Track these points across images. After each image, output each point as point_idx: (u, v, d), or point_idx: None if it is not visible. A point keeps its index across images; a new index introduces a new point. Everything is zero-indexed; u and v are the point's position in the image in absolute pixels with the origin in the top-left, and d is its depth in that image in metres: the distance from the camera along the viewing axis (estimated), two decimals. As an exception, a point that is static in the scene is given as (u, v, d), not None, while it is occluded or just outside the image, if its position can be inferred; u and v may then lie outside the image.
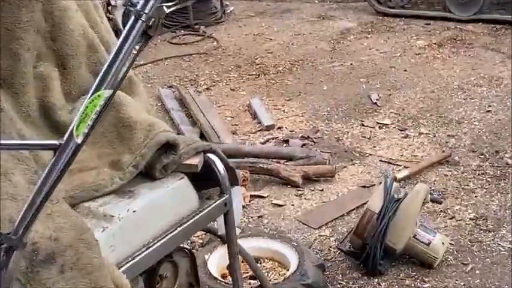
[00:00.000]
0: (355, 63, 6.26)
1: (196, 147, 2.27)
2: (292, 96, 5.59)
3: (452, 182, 4.17)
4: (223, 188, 2.31)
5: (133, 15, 1.49)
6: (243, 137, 4.96)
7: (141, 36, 1.50)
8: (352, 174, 4.35)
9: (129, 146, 2.25)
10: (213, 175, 2.33)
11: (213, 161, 2.29)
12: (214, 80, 6.08)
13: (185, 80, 6.11)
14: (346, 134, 4.87)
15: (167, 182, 2.15)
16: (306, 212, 3.96)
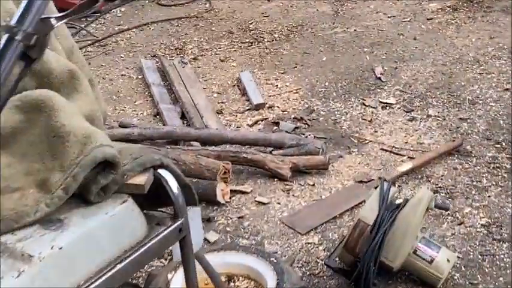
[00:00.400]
0: (359, 29, 5.71)
1: (144, 163, 1.90)
2: (287, 69, 5.09)
3: (463, 178, 3.67)
4: (177, 211, 1.94)
5: (5, 32, 1.06)
6: (229, 118, 4.48)
7: (21, 59, 1.05)
8: (349, 165, 3.86)
9: (61, 162, 1.84)
10: (166, 193, 1.94)
11: (165, 179, 1.92)
12: (202, 48, 5.57)
13: (171, 49, 5.61)
14: (345, 115, 4.37)
15: (106, 207, 1.76)
16: (293, 213, 3.50)
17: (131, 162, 1.89)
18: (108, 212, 1.75)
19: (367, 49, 5.32)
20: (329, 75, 4.89)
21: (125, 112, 4.65)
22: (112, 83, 5.08)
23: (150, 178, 1.89)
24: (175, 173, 2.00)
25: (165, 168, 1.96)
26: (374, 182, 3.67)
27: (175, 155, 3.75)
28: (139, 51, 5.62)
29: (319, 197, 3.64)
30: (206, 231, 3.40)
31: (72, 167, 1.80)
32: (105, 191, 1.79)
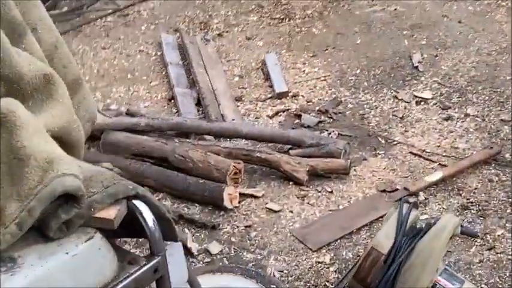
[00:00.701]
0: (400, 8, 5.31)
1: (115, 193, 1.63)
2: (317, 51, 4.75)
3: (498, 193, 3.33)
4: (153, 248, 1.66)
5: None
6: (249, 106, 4.18)
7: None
8: (373, 170, 3.54)
9: (18, 190, 1.59)
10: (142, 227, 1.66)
11: (140, 211, 1.66)
12: (229, 23, 5.24)
13: (195, 22, 5.30)
14: (374, 109, 4.03)
15: (67, 245, 1.48)
16: (306, 225, 3.21)
17: (101, 192, 1.63)
18: (70, 251, 1.48)
19: (406, 32, 4.92)
20: (362, 61, 4.53)
21: (138, 94, 4.37)
22: (129, 60, 4.80)
23: (122, 211, 1.63)
24: (152, 205, 1.73)
25: (141, 199, 1.69)
26: (398, 193, 3.34)
27: (182, 150, 3.48)
28: (162, 23, 5.32)
29: (337, 207, 3.34)
30: (209, 240, 3.13)
31: (30, 198, 1.53)
32: (68, 226, 1.54)
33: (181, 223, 3.30)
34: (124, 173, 3.32)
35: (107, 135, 3.63)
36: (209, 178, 3.45)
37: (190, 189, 3.38)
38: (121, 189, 1.67)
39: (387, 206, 3.27)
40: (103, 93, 4.39)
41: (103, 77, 4.54)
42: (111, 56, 4.82)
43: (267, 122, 4.02)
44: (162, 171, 3.46)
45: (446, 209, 3.28)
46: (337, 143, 3.58)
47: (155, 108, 4.20)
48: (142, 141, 3.57)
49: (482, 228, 3.14)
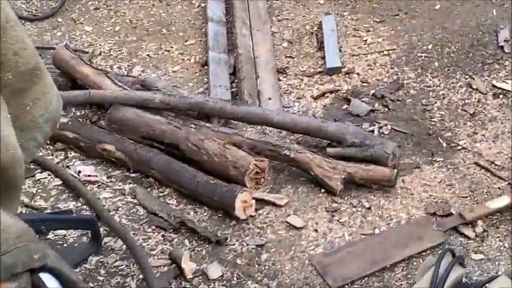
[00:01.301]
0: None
1: (13, 265, 1.36)
2: (385, 16, 4.10)
3: None
4: None
5: None
6: (292, 82, 3.61)
7: None
8: (425, 183, 2.96)
9: None
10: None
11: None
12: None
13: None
14: (441, 99, 3.40)
15: None
16: (330, 251, 2.70)
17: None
18: None
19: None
20: (437, 33, 3.86)
21: (169, 54, 3.86)
22: (167, 10, 4.27)
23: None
24: (64, 279, 1.50)
25: (49, 271, 1.46)
26: (450, 220, 2.75)
27: (197, 138, 2.98)
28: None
29: (372, 230, 2.78)
30: (210, 259, 2.63)
31: None
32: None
33: (183, 232, 2.78)
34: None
35: (115, 110, 3.15)
36: (225, 176, 2.97)
37: (198, 190, 2.88)
38: (22, 258, 1.38)
39: (434, 237, 2.71)
40: (129, 50, 3.88)
41: (134, 30, 4.03)
42: (148, 3, 4.29)
43: (309, 105, 3.44)
44: (170, 162, 2.96)
45: (509, 248, 2.65)
46: (386, 145, 2.98)
47: (184, 75, 3.68)
48: (152, 122, 3.07)
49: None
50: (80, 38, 4.02)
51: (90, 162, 3.15)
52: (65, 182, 3.04)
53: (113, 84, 3.28)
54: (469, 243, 2.71)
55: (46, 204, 2.96)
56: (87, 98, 3.21)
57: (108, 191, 3.00)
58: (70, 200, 2.98)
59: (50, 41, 4.03)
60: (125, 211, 2.91)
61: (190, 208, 2.92)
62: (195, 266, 2.65)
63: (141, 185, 3.02)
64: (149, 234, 2.81)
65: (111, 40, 3.96)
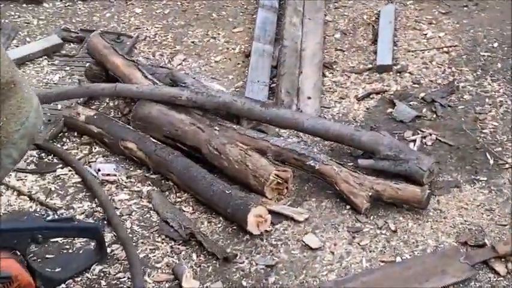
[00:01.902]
0: None
1: None
2: (452, 7, 3.82)
3: None
4: None
5: None
6: (338, 79, 3.42)
7: None
8: (462, 205, 2.73)
9: None
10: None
11: None
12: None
13: None
14: (497, 107, 3.14)
15: None
16: (344, 279, 2.49)
17: None
18: None
19: None
20: (506, 28, 3.57)
21: (214, 42, 3.71)
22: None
23: None
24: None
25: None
26: (481, 253, 2.50)
27: (219, 143, 2.84)
28: None
29: (393, 257, 2.58)
30: (216, 277, 2.48)
31: None
32: None
33: (192, 244, 2.64)
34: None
35: (140, 106, 3.05)
36: (245, 184, 2.79)
37: (214, 199, 2.74)
38: None
39: (460, 271, 2.47)
40: (175, 35, 3.75)
41: (184, 13, 3.89)
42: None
43: (351, 107, 3.23)
44: (188, 167, 2.83)
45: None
46: (422, 161, 2.76)
47: (226, 65, 3.52)
48: (176, 122, 2.94)
49: None
50: (127, 21, 3.91)
51: (113, 159, 3.05)
52: (83, 180, 2.94)
53: (143, 77, 3.13)
54: (499, 281, 2.46)
55: (61, 203, 2.89)
56: (113, 91, 3.10)
57: (126, 192, 2.90)
58: (85, 200, 2.90)
59: (98, 22, 3.92)
60: (139, 216, 2.80)
61: (205, 218, 2.78)
62: (197, 285, 2.50)
63: (159, 187, 2.90)
64: (158, 244, 2.69)
65: (159, 24, 3.83)
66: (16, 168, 2.98)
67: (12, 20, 3.88)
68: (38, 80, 3.48)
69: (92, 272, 2.57)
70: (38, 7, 3.92)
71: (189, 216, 2.78)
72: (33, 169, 3.04)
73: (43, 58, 3.55)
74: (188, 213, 2.80)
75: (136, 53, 3.55)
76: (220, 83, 3.34)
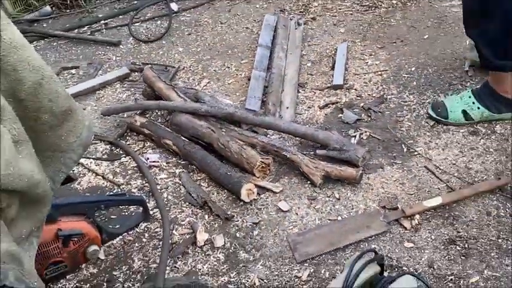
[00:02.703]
0: (476, 5, 3.89)
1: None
2: (386, 43, 3.62)
3: (490, 230, 2.29)
4: None
5: None
6: (308, 94, 3.28)
7: None
8: (383, 181, 2.57)
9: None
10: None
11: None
12: (326, 7, 4.18)
13: (299, 4, 4.23)
14: (412, 112, 2.97)
15: None
16: (303, 231, 2.41)
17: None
18: None
19: (472, 31, 3.58)
20: (421, 57, 3.37)
21: (229, 70, 3.59)
22: (235, 36, 3.95)
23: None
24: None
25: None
26: (393, 214, 2.39)
27: (225, 140, 2.74)
28: (274, 2, 4.32)
29: (336, 217, 2.46)
30: (219, 231, 2.40)
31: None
32: None
33: (205, 208, 2.57)
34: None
35: (174, 116, 2.95)
36: (241, 168, 2.71)
37: (220, 178, 2.65)
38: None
39: (380, 226, 2.34)
40: (203, 66, 3.62)
41: (210, 50, 3.75)
42: (224, 30, 3.99)
43: (315, 113, 3.11)
44: (205, 156, 2.74)
45: (434, 239, 2.27)
46: (357, 150, 2.64)
47: (235, 86, 3.41)
48: (197, 126, 2.84)
49: (459, 270, 2.12)
50: (173, 56, 3.80)
51: (158, 151, 2.98)
52: (138, 165, 2.87)
53: (177, 96, 3.04)
54: (405, 233, 2.35)
55: (123, 181, 2.83)
56: (158, 106, 3.03)
57: (165, 173, 2.83)
58: (139, 178, 2.83)
59: (154, 57, 3.82)
60: (172, 189, 2.73)
61: (215, 190, 2.70)
62: (207, 236, 2.44)
63: (186, 169, 2.81)
64: (184, 208, 2.62)
65: (193, 58, 3.72)
66: (95, 157, 2.93)
67: (99, 57, 3.79)
68: (113, 98, 3.40)
69: (140, 228, 2.51)
70: (116, 48, 3.83)
71: (205, 189, 2.70)
72: (105, 158, 2.98)
73: (117, 83, 3.46)
74: (204, 187, 2.71)
75: (177, 78, 3.45)
76: (230, 98, 3.22)
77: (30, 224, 1.70)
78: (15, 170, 1.49)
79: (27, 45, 1.66)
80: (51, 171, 1.89)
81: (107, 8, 4.67)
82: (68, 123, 1.81)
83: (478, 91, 2.76)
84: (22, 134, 1.58)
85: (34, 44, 4.19)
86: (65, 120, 1.80)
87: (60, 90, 1.77)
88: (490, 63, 2.60)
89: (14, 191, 1.50)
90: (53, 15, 4.56)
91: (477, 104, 2.74)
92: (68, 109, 1.80)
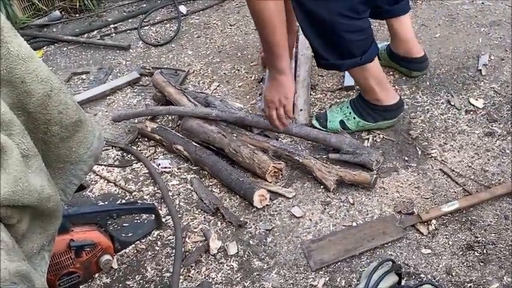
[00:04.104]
0: (487, 2, 3.83)
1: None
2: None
3: (509, 234, 2.19)
4: None
5: None
6: (319, 96, 3.22)
7: None
8: (399, 184, 2.50)
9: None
10: None
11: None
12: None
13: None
14: (425, 113, 2.88)
15: None
16: (317, 238, 2.36)
17: None
18: None
19: (484, 29, 3.52)
20: (433, 57, 3.28)
21: (238, 73, 3.53)
22: (244, 38, 3.88)
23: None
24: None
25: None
26: (410, 219, 2.32)
27: (236, 145, 2.68)
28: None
29: (351, 222, 2.39)
30: (232, 238, 2.35)
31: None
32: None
33: (218, 215, 2.51)
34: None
35: (185, 121, 2.89)
36: (253, 173, 2.64)
37: (232, 184, 2.60)
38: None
39: (395, 232, 2.29)
40: (213, 69, 3.57)
41: (219, 53, 3.69)
42: (233, 32, 3.93)
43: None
44: (216, 162, 2.68)
45: (452, 245, 2.20)
46: (371, 154, 2.56)
47: (245, 89, 3.34)
48: (208, 131, 2.78)
49: (478, 276, 2.05)
50: (183, 59, 3.74)
51: (170, 156, 2.92)
52: (149, 171, 2.82)
53: (188, 101, 2.99)
54: (422, 239, 2.28)
55: (135, 188, 2.78)
56: (168, 111, 2.98)
57: (176, 179, 2.78)
58: (150, 185, 2.79)
59: (164, 61, 3.77)
60: (184, 196, 2.68)
61: (227, 196, 2.64)
62: (220, 243, 2.38)
63: (198, 175, 2.76)
64: (196, 215, 2.57)
65: (203, 61, 3.66)
66: (107, 163, 2.88)
67: (109, 61, 3.74)
68: (123, 103, 3.35)
69: (152, 235, 2.46)
70: (126, 52, 3.78)
71: (217, 195, 2.64)
72: (117, 164, 2.93)
73: (127, 87, 3.41)
74: (216, 193, 2.66)
75: (187, 82, 3.39)
76: (241, 101, 3.15)
77: (42, 239, 1.65)
78: (25, 185, 1.45)
79: (34, 57, 1.61)
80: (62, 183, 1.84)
81: (116, 11, 4.63)
82: (78, 134, 1.76)
83: (354, 101, 2.73)
84: (31, 148, 1.53)
85: (44, 49, 4.16)
86: (75, 131, 1.75)
87: (70, 102, 1.72)
88: (326, 62, 2.52)
89: (24, 206, 1.45)
90: (62, 19, 4.51)
91: (353, 114, 2.70)
92: (77, 120, 1.74)
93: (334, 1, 2.33)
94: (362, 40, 2.49)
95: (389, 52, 3.19)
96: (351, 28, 2.41)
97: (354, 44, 2.47)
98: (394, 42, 3.09)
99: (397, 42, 3.04)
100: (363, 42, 2.50)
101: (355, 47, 2.48)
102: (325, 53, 2.52)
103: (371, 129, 2.81)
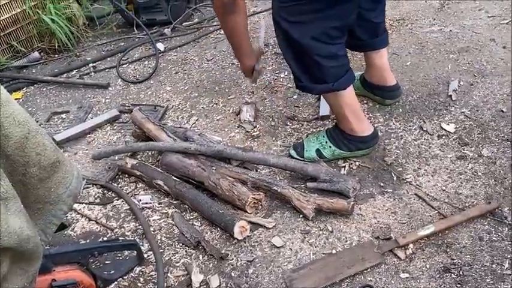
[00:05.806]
0: (455, 29, 3.97)
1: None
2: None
3: (484, 256, 2.25)
4: None
5: None
6: (296, 126, 3.29)
7: None
8: (375, 210, 2.54)
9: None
10: None
11: None
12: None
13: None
14: (399, 140, 2.94)
15: None
16: (298, 267, 2.36)
17: None
18: None
19: (453, 55, 3.64)
20: (405, 84, 3.37)
21: (216, 106, 3.58)
22: (221, 72, 3.95)
23: None
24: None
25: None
26: (388, 244, 2.36)
27: (215, 178, 2.71)
28: (259, 37, 4.33)
29: (330, 250, 2.42)
30: (214, 271, 2.35)
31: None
32: None
33: (200, 248, 2.53)
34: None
35: (164, 156, 2.92)
36: (234, 204, 2.67)
37: (213, 217, 2.62)
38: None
39: (374, 258, 2.31)
40: (191, 103, 3.62)
41: (197, 88, 3.75)
42: (210, 67, 4.00)
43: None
44: (196, 196, 2.70)
45: (429, 268, 2.24)
46: (348, 182, 2.61)
47: (224, 122, 3.40)
48: (188, 165, 2.81)
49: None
50: (161, 95, 3.80)
51: (150, 191, 2.94)
52: (130, 208, 2.83)
53: (167, 136, 3.03)
54: (400, 263, 2.32)
55: (116, 224, 2.79)
56: (148, 147, 3.01)
57: (157, 215, 2.79)
58: (132, 221, 2.79)
59: (143, 98, 3.82)
60: (165, 230, 2.69)
61: (208, 229, 2.66)
62: (202, 277, 2.39)
63: (179, 209, 2.78)
64: (177, 249, 2.58)
65: (181, 96, 3.72)
66: (88, 201, 2.90)
67: (89, 100, 3.79)
68: (103, 140, 3.38)
69: (134, 272, 2.47)
70: (105, 90, 3.83)
71: (198, 228, 2.67)
72: (98, 202, 2.94)
73: (107, 125, 3.45)
74: (197, 227, 2.68)
75: (166, 117, 3.44)
76: (219, 134, 3.21)
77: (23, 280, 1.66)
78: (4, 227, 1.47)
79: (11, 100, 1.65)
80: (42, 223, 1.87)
81: (94, 51, 4.69)
82: (56, 174, 1.79)
83: (330, 131, 2.82)
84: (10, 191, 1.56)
85: (24, 90, 4.19)
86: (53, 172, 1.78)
87: (47, 143, 1.75)
88: (301, 84, 2.67)
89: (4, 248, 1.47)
90: (41, 60, 4.56)
91: (329, 143, 2.79)
92: (56, 161, 1.78)
93: (307, 24, 2.41)
94: (335, 67, 2.56)
95: (362, 81, 3.28)
96: (322, 52, 2.48)
97: (327, 70, 2.53)
98: (369, 72, 3.18)
99: (373, 71, 3.13)
100: (336, 69, 2.57)
101: (328, 72, 2.55)
102: (300, 74, 2.60)
103: (346, 157, 2.87)
